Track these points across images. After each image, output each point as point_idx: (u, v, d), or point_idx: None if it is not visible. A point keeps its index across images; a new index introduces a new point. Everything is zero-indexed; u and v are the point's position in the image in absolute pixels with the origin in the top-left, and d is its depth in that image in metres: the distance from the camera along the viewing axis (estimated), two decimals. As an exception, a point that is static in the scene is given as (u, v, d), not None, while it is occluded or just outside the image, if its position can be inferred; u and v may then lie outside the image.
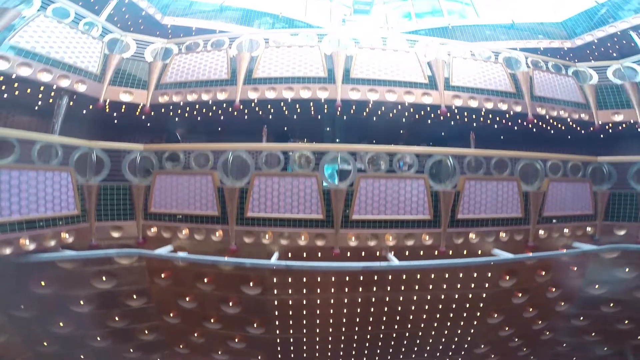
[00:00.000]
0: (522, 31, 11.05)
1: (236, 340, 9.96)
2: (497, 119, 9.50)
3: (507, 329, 10.64)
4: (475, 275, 9.36)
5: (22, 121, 11.47)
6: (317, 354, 10.38)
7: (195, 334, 10.20)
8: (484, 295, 9.66)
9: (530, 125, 10.15)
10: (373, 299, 9.38)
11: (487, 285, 9.49)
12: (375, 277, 9.13)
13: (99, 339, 9.92)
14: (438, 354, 10.79)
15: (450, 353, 10.85)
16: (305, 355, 10.19)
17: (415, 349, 10.66)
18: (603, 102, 10.38)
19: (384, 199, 8.56)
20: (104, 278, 9.08)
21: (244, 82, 9.38)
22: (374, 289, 9.24)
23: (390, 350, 10.58)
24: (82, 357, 10.17)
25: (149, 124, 9.83)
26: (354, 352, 10.49)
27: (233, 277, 8.92)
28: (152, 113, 9.04)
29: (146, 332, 10.20)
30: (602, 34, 11.31)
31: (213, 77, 9.55)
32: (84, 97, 8.95)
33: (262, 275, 8.80)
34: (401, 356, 10.70)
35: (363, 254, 8.97)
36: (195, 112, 9.47)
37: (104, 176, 8.79)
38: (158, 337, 10.32)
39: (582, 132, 9.83)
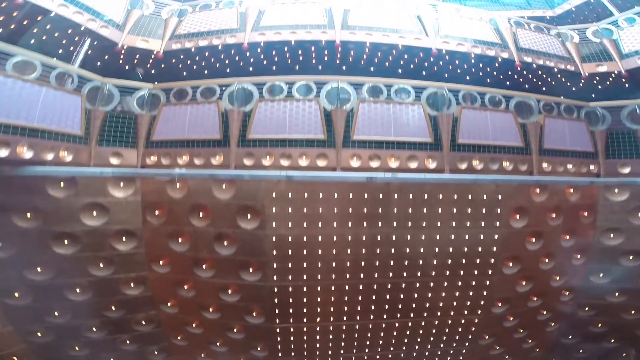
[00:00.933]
0: (508, 5, 11.99)
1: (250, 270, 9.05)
2: (488, 69, 9.90)
3: (523, 283, 9.82)
4: (484, 211, 8.96)
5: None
6: (318, 308, 9.42)
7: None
8: (496, 236, 9.11)
9: (521, 80, 10.40)
10: (379, 237, 8.81)
11: (497, 224, 9.02)
12: (380, 210, 8.71)
13: (78, 290, 9.06)
14: (452, 312, 9.80)
15: (466, 312, 9.85)
16: (306, 305, 9.28)
17: (427, 305, 9.69)
18: (586, 56, 11.05)
19: (384, 121, 8.55)
20: (94, 213, 8.61)
21: (252, 29, 9.93)
22: (379, 224, 8.75)
23: (400, 306, 9.61)
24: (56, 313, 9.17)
25: (162, 66, 9.91)
26: (359, 307, 9.51)
27: (231, 209, 8.50)
28: (164, 58, 9.53)
29: (132, 285, 9.36)
30: (578, 1, 12.40)
31: (223, 27, 10.14)
32: (106, 40, 9.42)
33: (262, 205, 8.40)
34: (412, 314, 9.67)
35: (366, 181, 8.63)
36: (205, 56, 9.79)
37: (112, 107, 8.89)
38: (145, 291, 9.45)
39: (570, 84, 10.36)
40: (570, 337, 11.22)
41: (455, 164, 8.65)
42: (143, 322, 10.04)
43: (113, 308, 9.46)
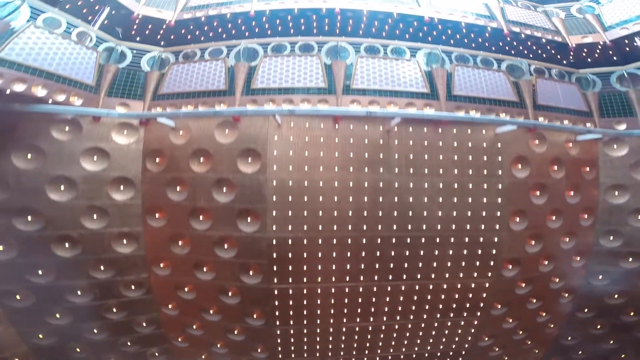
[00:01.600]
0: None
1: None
2: (479, 39, 10.55)
3: (532, 242, 9.39)
4: (485, 159, 8.94)
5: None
6: (319, 273, 8.88)
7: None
8: (500, 186, 8.97)
9: (511, 48, 10.90)
10: (380, 184, 8.65)
11: (499, 172, 8.94)
12: (381, 155, 8.68)
13: (67, 245, 8.60)
14: (461, 274, 9.21)
15: (476, 275, 9.24)
16: (307, 272, 8.79)
17: (435, 264, 9.12)
18: (572, 28, 11.97)
19: (381, 74, 8.89)
20: (95, 158, 8.56)
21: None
22: (380, 169, 8.66)
23: (406, 264, 9.04)
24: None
25: (172, 37, 10.44)
26: (362, 265, 8.93)
27: (232, 153, 8.47)
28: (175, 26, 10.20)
29: (124, 241, 8.91)
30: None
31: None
32: (124, 8, 10.10)
33: (263, 148, 8.39)
34: (419, 275, 9.05)
35: (366, 127, 8.72)
36: (214, 25, 10.38)
37: (124, 65, 9.35)
38: (139, 250, 8.97)
39: (558, 54, 11.09)
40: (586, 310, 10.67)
41: (453, 111, 8.86)
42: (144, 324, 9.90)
43: (102, 268, 8.93)
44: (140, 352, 10.64)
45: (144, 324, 10.17)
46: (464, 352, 11.15)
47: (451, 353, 10.89)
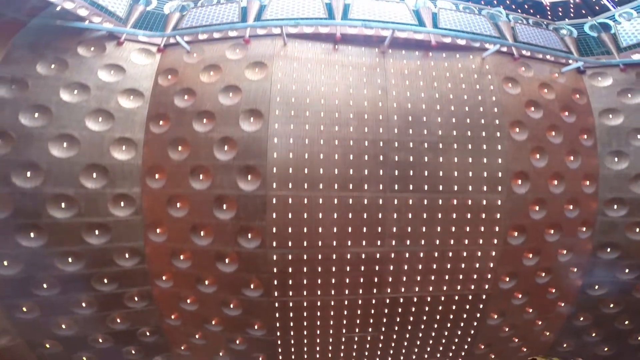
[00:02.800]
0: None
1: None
2: None
3: (537, 157, 9.19)
4: (475, 77, 9.53)
5: None
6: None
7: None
8: (494, 98, 9.30)
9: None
10: (379, 92, 9.04)
11: (491, 87, 9.40)
12: (377, 70, 9.30)
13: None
14: (471, 188, 8.75)
15: (486, 188, 8.76)
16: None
17: (441, 173, 8.75)
18: None
19: (374, 13, 10.11)
20: (112, 72, 9.17)
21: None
22: (378, 80, 9.17)
23: (411, 172, 8.66)
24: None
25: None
26: (365, 172, 8.54)
27: (241, 65, 9.12)
28: None
29: (123, 148, 8.78)
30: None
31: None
32: None
33: (270, 63, 9.07)
34: (426, 186, 8.56)
35: (363, 49, 9.51)
36: None
37: (150, 8, 10.64)
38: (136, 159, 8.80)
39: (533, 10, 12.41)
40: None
41: (442, 38, 9.80)
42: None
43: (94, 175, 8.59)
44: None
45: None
46: (493, 253, 9.44)
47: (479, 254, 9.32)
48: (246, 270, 8.97)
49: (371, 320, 9.81)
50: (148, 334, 10.27)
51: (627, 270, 9.95)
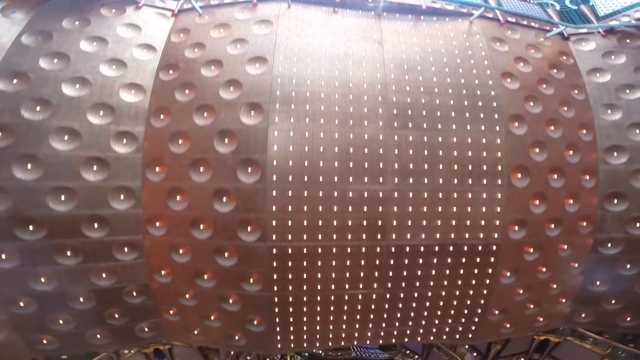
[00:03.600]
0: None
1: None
2: None
3: (531, 104, 9.47)
4: (465, 36, 10.26)
5: None
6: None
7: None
8: (483, 53, 9.92)
9: None
10: (376, 54, 9.66)
11: (480, 44, 10.07)
12: (373, 28, 10.07)
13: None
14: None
15: (483, 128, 8.87)
16: None
17: (438, 113, 8.94)
18: None
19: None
20: (129, 29, 9.96)
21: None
22: (375, 44, 9.86)
23: (410, 112, 8.84)
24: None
25: None
26: (365, 110, 8.70)
27: (249, 24, 9.90)
28: None
29: (132, 91, 9.09)
30: None
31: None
32: None
33: (275, 20, 9.87)
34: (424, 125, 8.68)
35: (360, 12, 10.43)
36: None
37: None
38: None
39: None
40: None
41: (431, 4, 10.76)
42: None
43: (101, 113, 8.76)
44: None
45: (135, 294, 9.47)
46: (485, 291, 9.58)
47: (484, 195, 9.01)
48: (245, 210, 8.68)
49: (376, 274, 9.19)
50: (135, 294, 9.56)
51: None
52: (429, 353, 17.88)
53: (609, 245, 9.87)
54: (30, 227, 8.44)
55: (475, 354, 16.25)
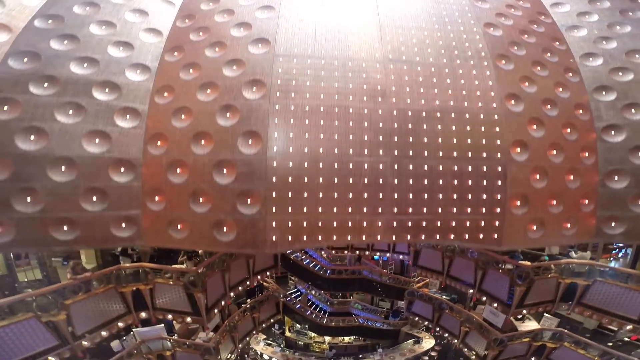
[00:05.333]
0: None
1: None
2: None
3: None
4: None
5: None
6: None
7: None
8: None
9: None
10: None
11: None
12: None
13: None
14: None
15: None
16: None
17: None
18: None
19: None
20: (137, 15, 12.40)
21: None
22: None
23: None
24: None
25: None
26: None
27: None
28: None
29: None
30: None
31: None
32: None
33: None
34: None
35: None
36: None
37: None
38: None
39: None
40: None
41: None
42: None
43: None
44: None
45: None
46: (499, 169, 9.07)
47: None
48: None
49: (381, 138, 8.75)
50: (122, 169, 8.59)
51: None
52: (440, 316, 14.45)
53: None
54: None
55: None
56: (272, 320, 17.17)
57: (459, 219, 9.01)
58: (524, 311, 11.71)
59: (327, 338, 19.77)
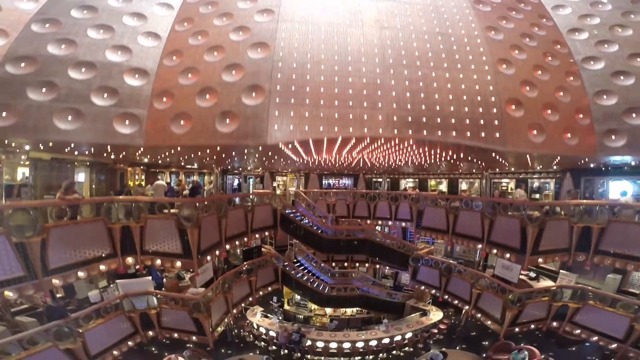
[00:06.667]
0: None
1: None
2: None
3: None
4: None
5: None
6: None
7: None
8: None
9: None
10: None
11: None
12: None
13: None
14: None
15: None
16: None
17: None
18: None
19: None
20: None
21: None
22: None
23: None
24: None
25: None
26: None
27: None
28: None
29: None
30: None
31: None
32: None
33: None
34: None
35: None
36: None
37: None
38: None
39: None
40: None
41: None
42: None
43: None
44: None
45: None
46: (489, 78, 9.80)
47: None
48: None
49: (376, 50, 9.59)
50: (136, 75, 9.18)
51: None
52: (448, 282, 12.89)
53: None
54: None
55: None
56: (269, 289, 14.92)
57: (459, 117, 9.13)
58: (540, 259, 10.23)
59: (328, 310, 17.04)
